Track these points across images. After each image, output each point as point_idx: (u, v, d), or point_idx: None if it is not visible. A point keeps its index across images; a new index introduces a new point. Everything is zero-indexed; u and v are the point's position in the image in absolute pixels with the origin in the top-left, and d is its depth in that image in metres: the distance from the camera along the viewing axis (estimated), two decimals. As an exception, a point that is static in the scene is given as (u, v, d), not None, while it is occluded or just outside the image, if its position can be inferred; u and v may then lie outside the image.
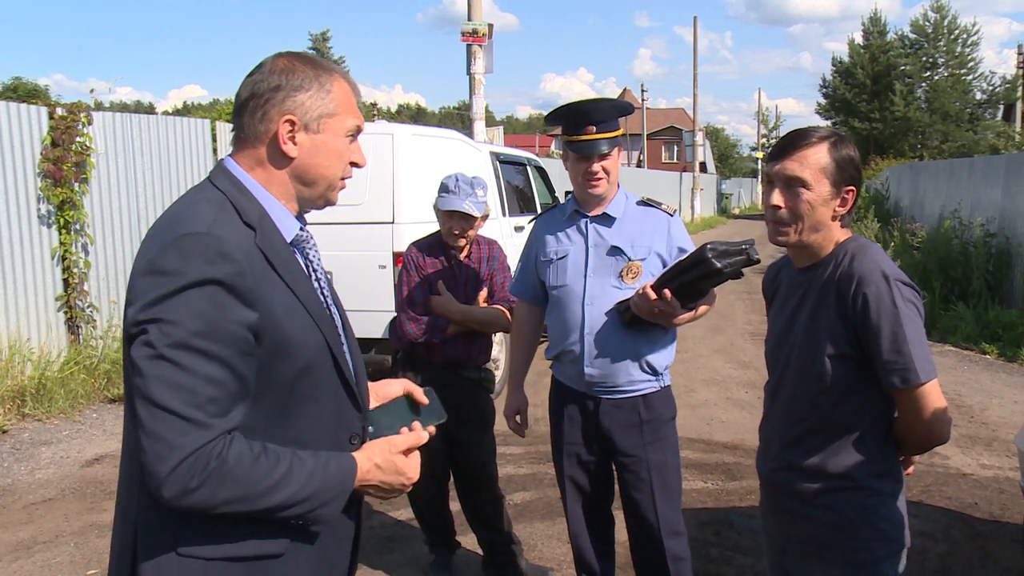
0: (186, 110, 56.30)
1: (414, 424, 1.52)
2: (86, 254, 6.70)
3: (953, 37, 39.88)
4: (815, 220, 1.80)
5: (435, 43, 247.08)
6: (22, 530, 4.07)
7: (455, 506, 3.51)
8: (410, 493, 3.44)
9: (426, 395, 1.59)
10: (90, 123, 6.60)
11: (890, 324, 1.71)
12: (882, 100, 41.17)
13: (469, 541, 3.60)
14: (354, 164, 1.47)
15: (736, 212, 47.85)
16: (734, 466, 4.89)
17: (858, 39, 44.28)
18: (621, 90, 59.95)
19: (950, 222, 11.30)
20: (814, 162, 1.77)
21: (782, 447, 1.92)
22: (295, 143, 1.38)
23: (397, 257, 5.51)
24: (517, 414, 2.94)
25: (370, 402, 1.56)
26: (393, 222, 5.61)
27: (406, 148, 5.76)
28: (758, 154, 57.88)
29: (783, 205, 1.79)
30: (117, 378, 6.31)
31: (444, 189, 3.22)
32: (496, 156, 7.33)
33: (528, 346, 2.97)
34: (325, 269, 1.52)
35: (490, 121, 15.09)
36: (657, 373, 2.68)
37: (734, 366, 7.72)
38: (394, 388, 1.61)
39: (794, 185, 1.78)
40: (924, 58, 40.58)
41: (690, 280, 2.42)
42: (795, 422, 1.89)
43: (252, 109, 1.37)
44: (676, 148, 53.15)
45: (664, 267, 2.66)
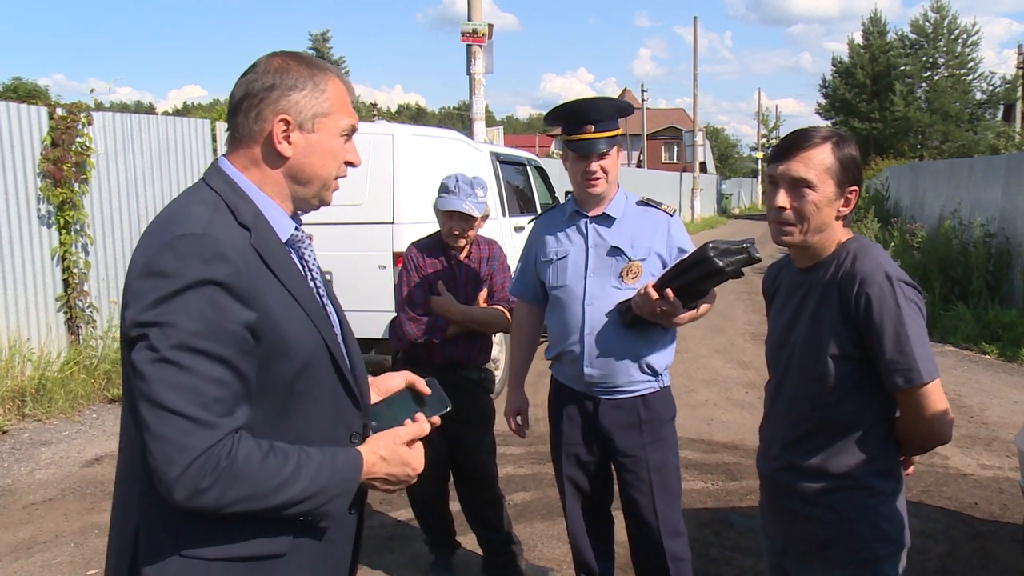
0: (186, 110, 56.30)
1: (418, 415, 1.51)
2: (86, 254, 6.70)
3: (953, 37, 39.88)
4: (820, 221, 1.80)
5: (435, 43, 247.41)
6: (22, 530, 4.07)
7: (455, 506, 3.50)
8: (410, 493, 3.44)
9: (428, 385, 1.59)
10: (90, 123, 6.61)
11: (893, 324, 1.71)
12: (882, 100, 41.17)
13: (469, 541, 3.60)
14: (349, 163, 1.46)
15: (736, 212, 47.84)
16: (734, 466, 4.89)
17: (858, 39, 44.32)
18: (621, 90, 59.97)
19: (950, 222, 11.31)
20: (819, 163, 1.77)
21: (783, 447, 1.92)
22: (290, 142, 1.38)
23: (397, 257, 5.51)
24: (518, 415, 2.94)
25: (372, 397, 1.55)
26: (393, 222, 5.61)
27: (406, 148, 5.76)
28: (758, 154, 57.89)
29: (788, 206, 1.79)
30: (117, 378, 6.31)
31: (444, 189, 3.22)
32: (496, 156, 7.33)
33: (528, 346, 2.96)
34: (324, 269, 1.52)
35: (490, 121, 15.09)
36: (657, 374, 2.68)
37: (734, 366, 7.72)
38: (396, 381, 1.61)
39: (799, 186, 1.78)
40: (924, 58, 40.58)
41: (692, 279, 2.41)
42: (797, 422, 1.89)
43: (246, 109, 1.37)
44: (676, 148, 53.15)
45: (664, 267, 2.66)
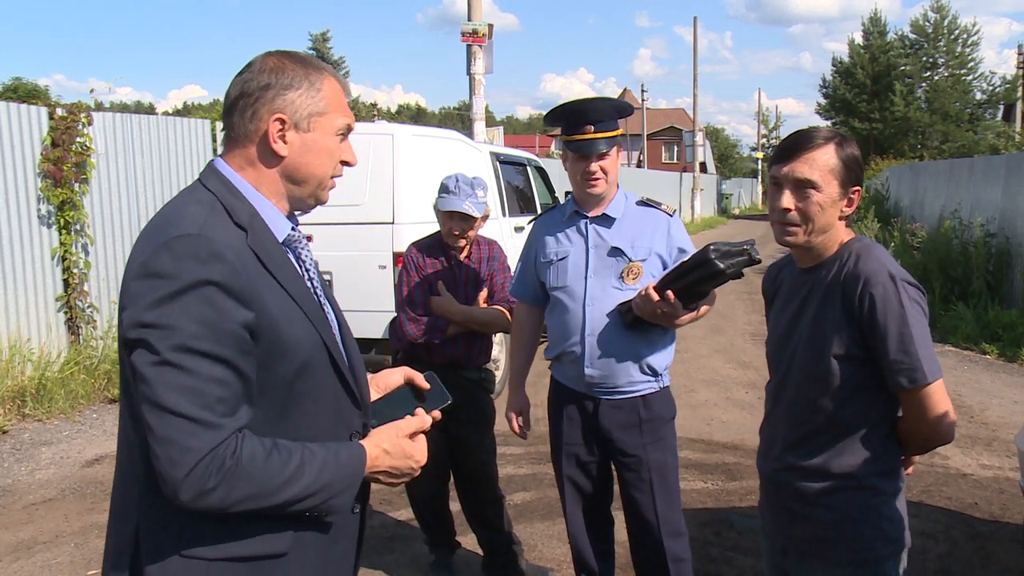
0: (186, 110, 56.31)
1: (418, 410, 1.52)
2: (86, 254, 6.71)
3: (953, 37, 39.88)
4: (824, 221, 1.80)
5: (435, 43, 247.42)
6: (22, 530, 4.07)
7: (455, 506, 3.50)
8: (410, 493, 3.44)
9: (427, 380, 1.59)
10: (90, 123, 6.61)
11: (897, 324, 1.71)
12: (882, 100, 41.17)
13: (469, 541, 3.60)
14: (345, 163, 1.46)
15: (736, 212, 47.82)
16: (734, 466, 4.89)
17: (858, 39, 44.33)
18: (621, 90, 59.98)
19: (950, 222, 11.31)
20: (823, 164, 1.77)
21: (785, 447, 1.92)
22: (285, 142, 1.37)
23: (397, 257, 5.50)
24: (519, 415, 2.94)
25: (371, 395, 1.55)
26: (393, 222, 5.60)
27: (406, 148, 5.76)
28: (758, 154, 57.90)
29: (793, 207, 1.79)
30: (117, 378, 6.28)
31: (444, 189, 3.22)
32: (496, 156, 7.33)
33: (528, 347, 2.96)
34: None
35: (490, 121, 15.09)
36: (657, 374, 2.68)
37: (734, 366, 7.72)
38: (395, 377, 1.61)
39: (804, 187, 1.77)
40: (924, 58, 40.58)
41: (693, 281, 2.42)
42: (799, 422, 1.88)
43: (242, 108, 1.37)
44: (676, 148, 53.14)
45: (664, 268, 2.66)
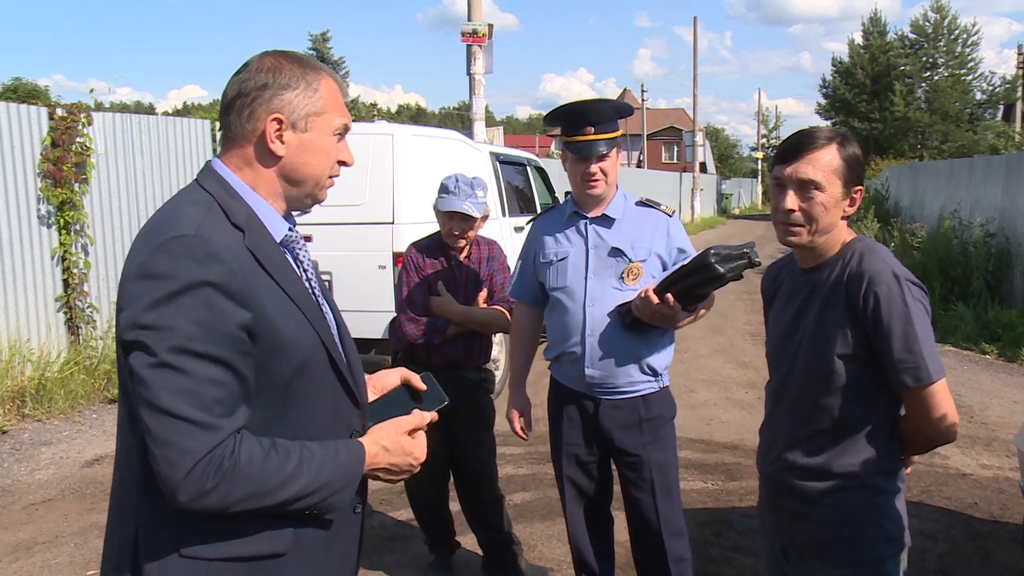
0: (186, 110, 56.32)
1: (414, 411, 1.51)
2: (86, 255, 6.71)
3: (953, 37, 39.87)
4: (827, 221, 1.80)
5: (435, 43, 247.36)
6: (22, 530, 4.07)
7: (455, 506, 3.50)
8: (410, 493, 3.44)
9: (424, 381, 1.59)
10: (90, 123, 6.61)
11: (901, 323, 1.72)
12: (882, 100, 41.16)
13: (469, 541, 3.60)
14: (342, 163, 1.46)
15: (736, 212, 47.81)
16: (734, 466, 4.89)
17: (858, 39, 44.31)
18: (621, 90, 59.97)
19: (950, 222, 11.31)
20: (826, 164, 1.77)
21: (786, 447, 1.92)
22: (283, 142, 1.37)
23: (397, 257, 5.50)
24: (520, 416, 2.93)
25: (368, 396, 1.55)
26: (393, 222, 5.60)
27: (406, 148, 5.76)
28: (758, 154, 57.89)
29: (797, 208, 1.79)
30: (116, 379, 6.30)
31: (444, 190, 3.22)
32: (496, 156, 7.33)
33: (528, 347, 2.96)
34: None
35: (490, 121, 15.09)
36: (657, 374, 2.69)
37: (734, 366, 7.72)
38: (392, 378, 1.61)
39: (808, 188, 1.78)
40: (924, 58, 40.56)
41: (692, 284, 2.43)
42: (801, 422, 1.88)
43: (239, 108, 1.37)
44: (676, 148, 53.15)
45: (664, 268, 2.67)
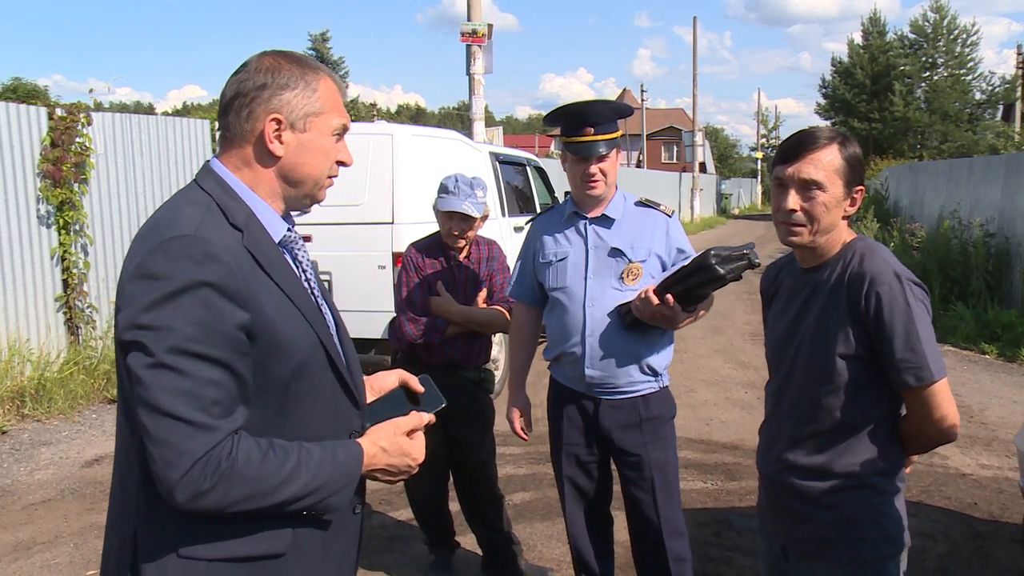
0: (185, 110, 56.27)
1: (412, 413, 1.51)
2: (85, 255, 6.70)
3: (952, 37, 39.88)
4: (829, 221, 1.81)
5: (435, 43, 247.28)
6: (21, 531, 4.07)
7: (455, 506, 3.50)
8: (410, 493, 3.44)
9: (422, 383, 1.59)
10: (89, 124, 6.61)
11: (903, 323, 1.72)
12: (881, 100, 41.16)
13: (469, 541, 3.60)
14: (341, 163, 1.46)
15: (736, 212, 47.80)
16: (734, 466, 4.89)
17: (857, 39, 44.32)
18: (621, 90, 59.94)
19: (949, 222, 11.32)
20: (828, 164, 1.77)
21: (787, 447, 1.92)
22: (281, 142, 1.37)
23: (396, 257, 5.50)
24: (520, 416, 2.93)
25: (367, 397, 1.55)
26: (393, 222, 5.59)
27: (405, 148, 5.76)
28: (757, 154, 57.90)
29: (799, 208, 1.80)
30: (116, 379, 6.30)
31: (443, 190, 3.22)
32: (495, 156, 7.33)
33: (528, 347, 2.96)
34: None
35: (489, 121, 15.09)
36: (657, 374, 2.69)
37: (734, 366, 7.72)
38: (390, 380, 1.61)
39: (810, 187, 1.78)
40: (923, 58, 40.57)
41: (692, 285, 2.43)
42: (802, 422, 1.88)
43: (238, 108, 1.37)
44: (676, 148, 53.15)
45: (663, 268, 2.67)
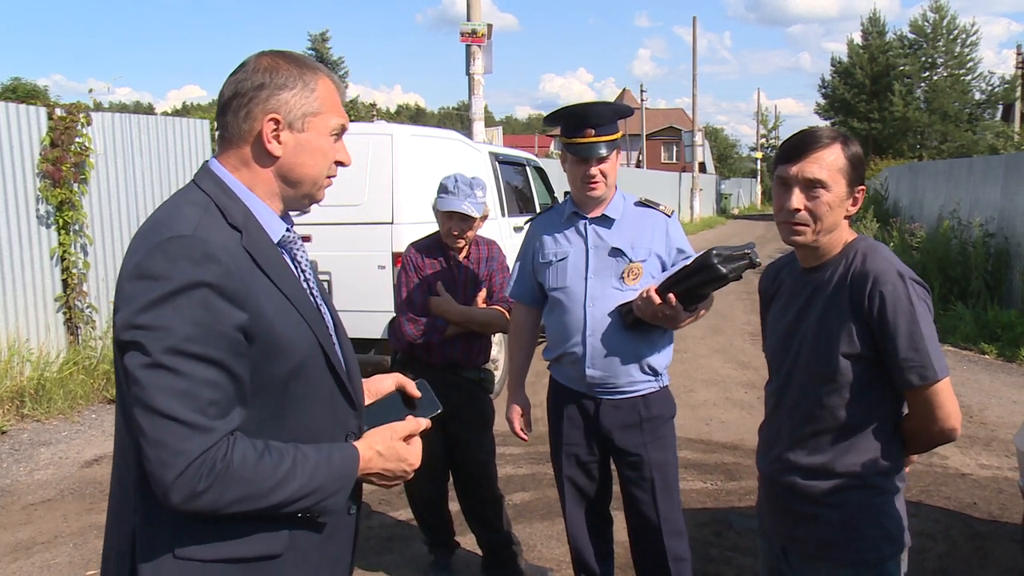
0: (185, 111, 56.26)
1: (408, 417, 1.52)
2: (85, 255, 6.70)
3: (952, 37, 39.92)
4: (831, 221, 1.81)
5: (434, 43, 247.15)
6: (21, 531, 4.07)
7: (454, 506, 3.51)
8: (409, 493, 3.44)
9: (419, 388, 1.59)
10: (89, 124, 6.61)
11: (907, 322, 1.72)
12: (881, 100, 41.21)
13: (468, 541, 3.60)
14: (339, 163, 1.46)
15: (735, 212, 47.79)
16: (733, 466, 4.89)
17: (857, 39, 44.40)
18: (620, 90, 59.91)
19: (949, 222, 11.32)
20: (831, 163, 1.78)
21: (789, 447, 1.91)
22: (279, 142, 1.37)
23: (396, 257, 5.50)
24: (519, 416, 2.93)
25: (365, 400, 1.55)
26: (392, 222, 5.60)
27: (405, 148, 5.76)
28: (757, 154, 57.90)
29: (803, 207, 1.80)
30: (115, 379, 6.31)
31: (443, 190, 3.22)
32: (495, 156, 7.33)
33: (527, 347, 2.96)
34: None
35: (489, 121, 15.09)
36: (657, 374, 2.69)
37: (733, 366, 7.72)
38: (387, 383, 1.61)
39: (814, 187, 1.78)
40: (923, 58, 40.62)
41: (694, 285, 2.44)
42: (803, 422, 1.88)
43: (236, 108, 1.37)
44: (675, 148, 53.14)
45: (663, 268, 2.67)
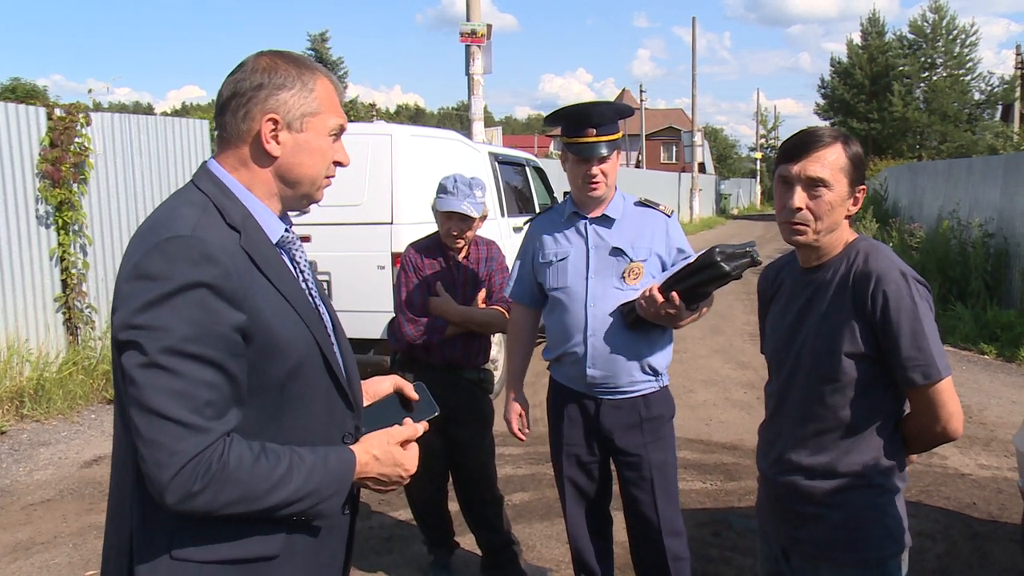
0: (184, 111, 56.28)
1: (405, 420, 1.51)
2: (84, 255, 6.70)
3: (951, 38, 39.97)
4: (833, 220, 1.81)
5: (434, 44, 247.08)
6: (20, 531, 4.06)
7: (454, 507, 3.50)
8: (409, 494, 3.44)
9: (416, 391, 1.59)
10: (88, 124, 6.60)
11: (910, 321, 1.73)
12: (880, 100, 41.24)
13: (468, 542, 3.60)
14: (338, 163, 1.46)
15: (735, 213, 47.80)
16: (733, 466, 4.89)
17: (856, 40, 44.46)
18: (620, 91, 59.91)
19: (948, 222, 11.32)
20: (833, 162, 1.78)
21: (790, 447, 1.91)
22: (278, 142, 1.37)
23: (396, 258, 5.50)
24: (518, 417, 2.93)
25: (364, 400, 1.55)
26: (392, 223, 5.59)
27: (405, 149, 5.76)
28: (757, 155, 57.92)
29: (805, 206, 1.80)
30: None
31: (442, 190, 3.22)
32: (495, 157, 7.33)
33: (526, 348, 2.96)
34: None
35: (489, 122, 15.09)
36: (658, 373, 2.69)
37: (733, 366, 7.72)
38: (384, 386, 1.61)
39: (816, 186, 1.79)
40: (922, 59, 40.67)
41: (697, 283, 2.45)
42: (805, 422, 1.88)
43: (234, 108, 1.36)
44: (675, 148, 53.14)
45: (663, 268, 2.67)
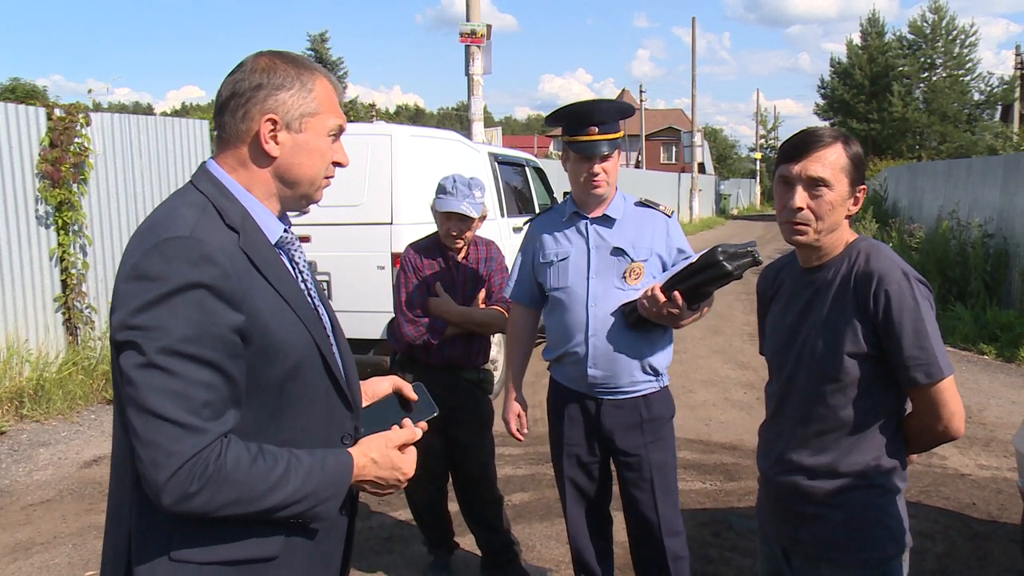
0: (184, 111, 56.33)
1: (405, 421, 1.51)
2: (84, 255, 6.70)
3: (951, 38, 39.99)
4: (833, 220, 1.81)
5: (434, 44, 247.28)
6: (20, 531, 4.06)
7: (454, 507, 3.50)
8: (409, 494, 3.44)
9: (415, 391, 1.59)
10: (88, 124, 6.60)
11: (912, 320, 1.73)
12: (880, 101, 41.25)
13: (468, 542, 3.60)
14: (337, 164, 1.46)
15: (735, 213, 47.80)
16: (732, 467, 4.89)
17: (856, 40, 44.48)
18: (620, 91, 59.91)
19: (948, 223, 11.32)
20: (834, 162, 1.78)
21: (791, 448, 1.91)
22: (277, 142, 1.37)
23: (395, 258, 5.50)
24: (517, 417, 2.93)
25: (362, 402, 1.55)
26: (391, 223, 5.59)
27: (404, 149, 5.76)
28: (756, 155, 57.93)
29: (806, 205, 1.80)
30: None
31: (442, 190, 3.22)
32: (494, 157, 7.33)
33: (525, 348, 2.95)
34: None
35: (488, 122, 15.09)
36: (658, 374, 2.69)
37: (733, 367, 7.72)
38: (383, 386, 1.61)
39: (817, 185, 1.79)
40: (922, 59, 40.68)
41: (700, 282, 2.45)
42: (806, 422, 1.88)
43: (233, 108, 1.36)
44: (675, 149, 53.15)
45: (664, 268, 2.68)
